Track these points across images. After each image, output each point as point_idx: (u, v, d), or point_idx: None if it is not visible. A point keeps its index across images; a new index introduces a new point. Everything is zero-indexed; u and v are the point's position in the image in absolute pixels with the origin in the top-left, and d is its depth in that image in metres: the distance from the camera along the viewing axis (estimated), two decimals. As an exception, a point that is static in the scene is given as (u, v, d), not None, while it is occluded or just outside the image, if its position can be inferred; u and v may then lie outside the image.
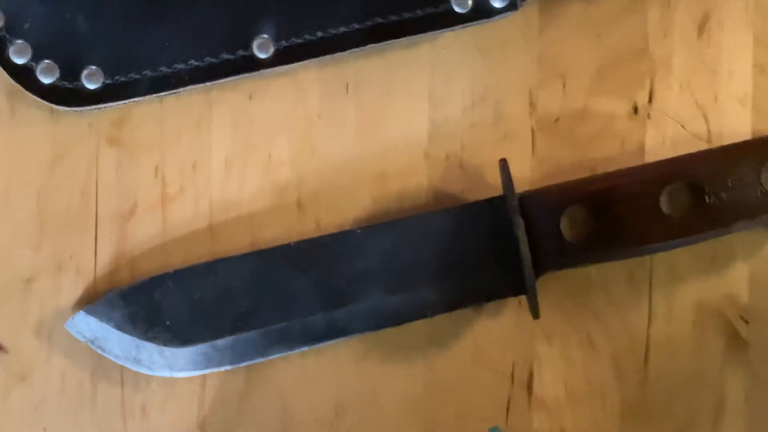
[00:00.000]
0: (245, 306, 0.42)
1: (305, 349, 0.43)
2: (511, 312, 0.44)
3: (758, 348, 0.45)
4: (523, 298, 0.43)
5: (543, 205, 0.41)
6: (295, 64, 0.43)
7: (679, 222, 0.41)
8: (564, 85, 0.45)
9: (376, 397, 0.44)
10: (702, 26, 0.45)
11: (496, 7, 0.42)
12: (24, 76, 0.41)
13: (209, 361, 0.43)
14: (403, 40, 0.42)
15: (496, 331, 0.44)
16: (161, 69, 0.42)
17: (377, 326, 0.43)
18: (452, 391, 0.44)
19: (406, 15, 0.42)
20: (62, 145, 0.43)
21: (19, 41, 0.41)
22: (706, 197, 0.41)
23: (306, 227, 0.44)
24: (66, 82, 0.42)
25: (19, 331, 0.43)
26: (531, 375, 0.44)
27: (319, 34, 0.42)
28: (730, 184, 0.40)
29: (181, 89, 0.43)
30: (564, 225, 0.42)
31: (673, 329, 0.45)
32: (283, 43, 0.42)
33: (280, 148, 0.44)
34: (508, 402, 0.44)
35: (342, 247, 0.43)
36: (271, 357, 0.43)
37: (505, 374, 0.44)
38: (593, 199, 0.41)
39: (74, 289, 0.43)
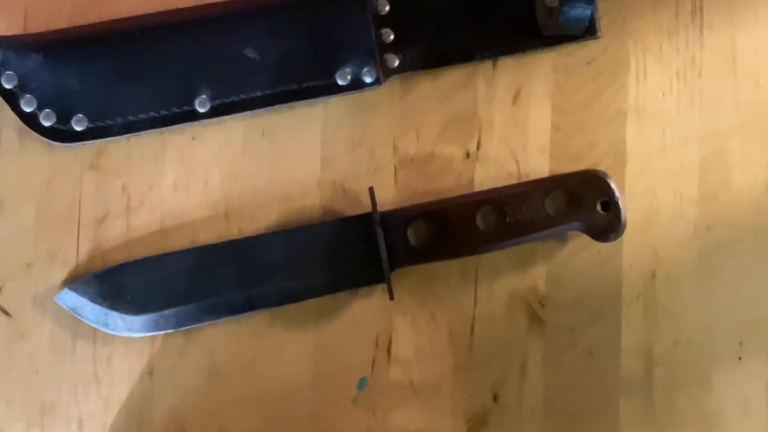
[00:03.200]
0: (185, 287, 0.48)
1: (228, 318, 0.49)
2: (378, 295, 0.51)
3: (551, 324, 0.51)
4: (385, 285, 0.49)
5: (396, 220, 0.49)
6: (226, 116, 0.49)
7: (488, 234, 0.49)
8: (418, 136, 0.51)
9: (279, 353, 0.50)
10: (515, 97, 0.52)
11: (367, 82, 0.50)
12: (31, 120, 0.47)
13: (158, 326, 0.48)
14: (303, 101, 0.50)
15: (366, 308, 0.50)
16: (129, 117, 0.48)
17: (280, 303, 0.49)
18: (334, 351, 0.50)
19: (305, 84, 0.49)
20: (56, 169, 0.49)
21: (28, 95, 0.47)
22: (507, 217, 0.48)
23: (231, 232, 0.50)
24: (60, 125, 0.47)
25: (21, 301, 0.48)
26: (390, 341, 0.50)
27: (242, 96, 0.49)
28: (523, 209, 0.48)
29: (142, 132, 0.48)
30: (411, 235, 0.49)
31: (492, 309, 0.51)
32: (217, 101, 0.49)
33: (214, 175, 0.50)
34: (374, 359, 0.50)
35: (256, 246, 0.49)
36: (203, 324, 0.49)
37: (372, 339, 0.50)
38: (430, 216, 0.49)
39: (61, 273, 0.48)
